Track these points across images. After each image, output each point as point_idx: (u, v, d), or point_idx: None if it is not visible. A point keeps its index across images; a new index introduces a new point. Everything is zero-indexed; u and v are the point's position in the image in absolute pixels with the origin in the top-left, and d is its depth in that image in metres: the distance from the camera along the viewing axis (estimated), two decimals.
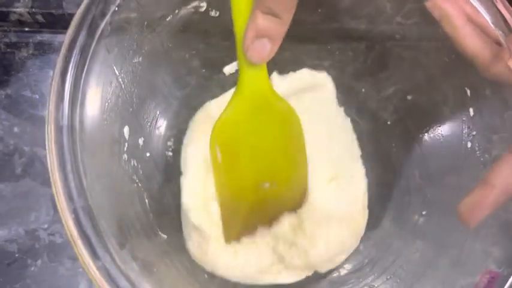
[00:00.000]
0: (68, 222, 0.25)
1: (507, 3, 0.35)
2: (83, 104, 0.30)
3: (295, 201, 0.41)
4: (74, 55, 0.30)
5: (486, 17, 0.35)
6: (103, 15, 0.31)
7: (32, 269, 0.45)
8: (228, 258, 0.39)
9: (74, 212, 0.25)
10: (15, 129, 0.49)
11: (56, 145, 0.26)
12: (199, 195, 0.40)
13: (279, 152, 0.38)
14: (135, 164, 0.37)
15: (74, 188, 0.26)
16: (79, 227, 0.25)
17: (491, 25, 0.35)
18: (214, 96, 0.47)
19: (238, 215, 0.40)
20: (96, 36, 0.31)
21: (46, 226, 0.46)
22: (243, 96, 0.33)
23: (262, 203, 0.39)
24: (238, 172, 0.38)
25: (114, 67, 0.34)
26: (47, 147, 0.26)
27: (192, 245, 0.40)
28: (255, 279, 0.40)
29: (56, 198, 0.25)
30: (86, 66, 0.30)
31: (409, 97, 0.45)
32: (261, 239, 0.40)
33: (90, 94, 0.31)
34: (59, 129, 0.27)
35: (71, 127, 0.28)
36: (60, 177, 0.26)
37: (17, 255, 0.45)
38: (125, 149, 0.36)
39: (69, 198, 0.25)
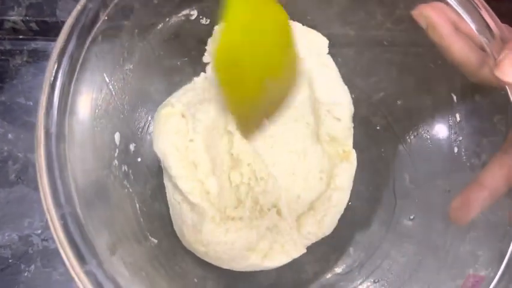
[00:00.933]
0: (55, 227, 0.25)
1: (491, 12, 0.36)
2: (72, 111, 0.30)
3: (290, 89, 0.42)
4: (64, 62, 0.30)
5: (471, 25, 0.35)
6: (93, 23, 0.32)
7: (26, 274, 0.45)
8: (220, 235, 0.40)
9: (62, 217, 0.26)
10: (9, 136, 0.49)
11: (44, 152, 0.27)
12: (193, 177, 0.41)
13: (274, 51, 0.38)
14: (126, 170, 0.38)
15: (62, 194, 0.26)
16: (66, 232, 0.26)
17: (476, 32, 0.35)
18: None
19: (247, 111, 0.40)
20: (87, 43, 0.31)
21: (39, 231, 0.47)
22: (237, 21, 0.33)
23: (265, 97, 0.40)
24: (241, 77, 0.38)
25: (105, 74, 0.34)
26: (35, 154, 0.27)
27: (187, 228, 0.41)
28: (243, 258, 0.41)
29: (43, 203, 0.26)
30: (76, 74, 0.31)
31: (399, 102, 0.46)
32: (247, 214, 0.42)
33: (80, 101, 0.31)
34: (48, 136, 0.27)
35: (60, 134, 0.28)
36: (48, 183, 0.26)
37: (10, 260, 0.46)
38: (116, 155, 0.36)
39: (57, 204, 0.26)
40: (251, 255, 0.41)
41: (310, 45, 0.45)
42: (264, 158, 0.44)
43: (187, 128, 0.42)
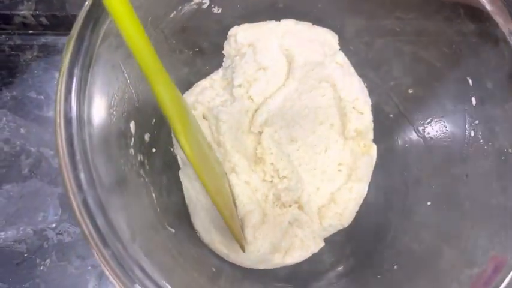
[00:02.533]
0: (78, 211, 0.25)
1: None
2: (90, 98, 0.30)
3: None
4: (81, 49, 0.30)
5: (486, 6, 0.35)
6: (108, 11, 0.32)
7: (41, 268, 0.45)
8: (248, 244, 0.41)
9: (83, 201, 0.26)
10: (22, 130, 0.49)
11: (65, 136, 0.27)
12: (236, 184, 0.41)
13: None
14: (142, 159, 0.38)
15: (83, 178, 0.26)
16: (89, 216, 0.25)
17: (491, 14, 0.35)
18: None
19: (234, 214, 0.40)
20: (102, 32, 0.31)
21: (54, 225, 0.46)
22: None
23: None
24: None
25: (120, 63, 0.34)
26: (56, 138, 0.27)
27: (215, 231, 0.41)
28: (266, 260, 0.41)
29: (65, 186, 0.26)
30: (92, 61, 0.30)
31: (410, 91, 0.45)
32: (269, 208, 0.42)
33: (97, 88, 0.31)
34: (67, 120, 0.27)
35: (79, 119, 0.28)
36: (70, 166, 0.26)
37: (25, 255, 0.45)
38: (132, 143, 0.36)
39: (78, 187, 0.26)
40: (273, 257, 0.42)
41: (323, 45, 0.46)
42: (291, 159, 0.44)
43: (210, 131, 0.43)
